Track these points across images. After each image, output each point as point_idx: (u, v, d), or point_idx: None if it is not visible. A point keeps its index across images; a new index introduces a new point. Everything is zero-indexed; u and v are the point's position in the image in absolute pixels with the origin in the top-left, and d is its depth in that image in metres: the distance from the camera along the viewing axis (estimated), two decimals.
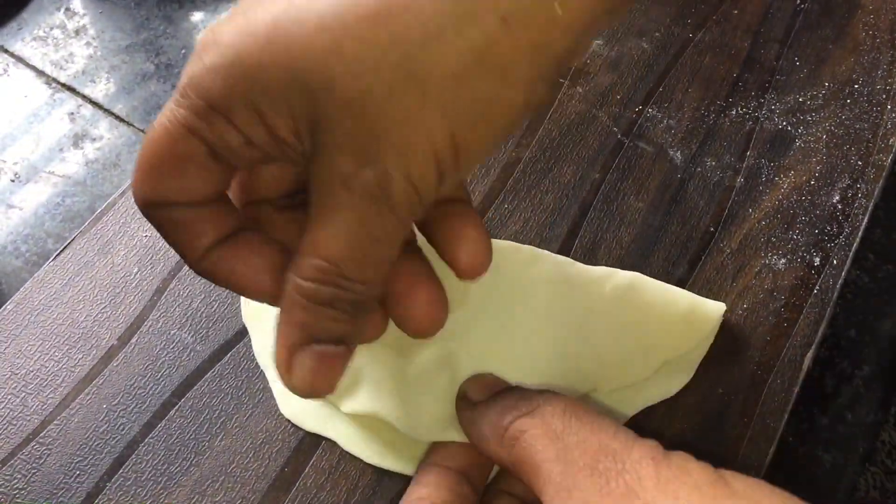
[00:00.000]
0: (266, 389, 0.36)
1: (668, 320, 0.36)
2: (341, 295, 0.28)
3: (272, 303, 0.30)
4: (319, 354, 0.29)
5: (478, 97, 0.26)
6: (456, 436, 0.32)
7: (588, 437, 0.27)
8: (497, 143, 0.30)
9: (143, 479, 0.34)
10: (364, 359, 0.34)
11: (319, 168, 0.28)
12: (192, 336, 0.37)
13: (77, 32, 0.56)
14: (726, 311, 0.37)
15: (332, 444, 0.35)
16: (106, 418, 0.35)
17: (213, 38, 0.28)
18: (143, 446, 0.35)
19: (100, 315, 0.38)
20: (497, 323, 0.35)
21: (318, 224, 0.28)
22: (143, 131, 0.58)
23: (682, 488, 0.25)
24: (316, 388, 0.30)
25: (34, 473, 0.34)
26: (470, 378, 0.33)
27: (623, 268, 0.39)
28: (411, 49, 0.25)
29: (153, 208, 0.30)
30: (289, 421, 0.35)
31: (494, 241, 0.38)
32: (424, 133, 0.26)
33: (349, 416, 0.35)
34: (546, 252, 0.38)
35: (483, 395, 0.32)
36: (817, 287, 0.39)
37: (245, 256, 0.30)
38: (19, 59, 0.54)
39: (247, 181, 0.32)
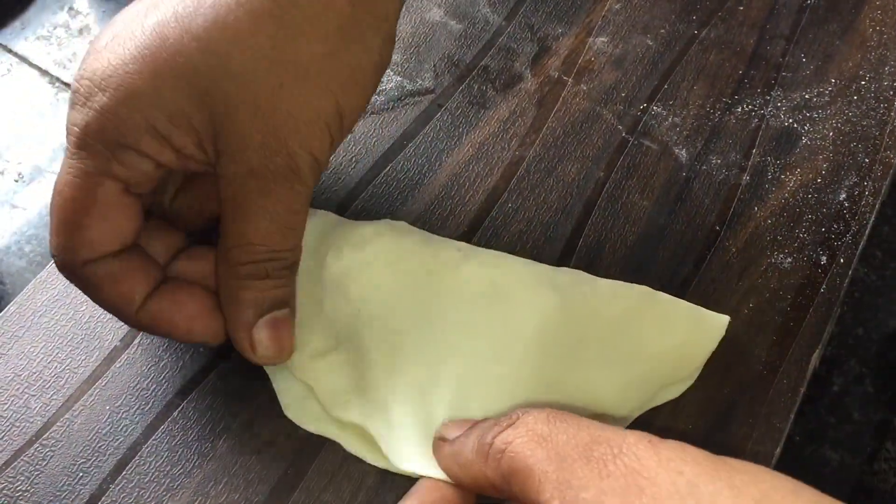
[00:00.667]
0: (269, 391, 0.36)
1: (669, 346, 0.35)
2: (277, 264, 0.33)
3: (213, 342, 0.34)
4: (273, 322, 0.33)
5: (347, 66, 0.31)
6: (435, 471, 0.32)
7: (577, 432, 0.27)
8: (367, 101, 0.34)
9: (146, 480, 0.34)
10: (358, 373, 0.34)
11: (227, 168, 0.31)
12: None
13: (81, 32, 0.56)
14: (731, 311, 0.37)
15: (336, 445, 0.35)
16: (109, 420, 0.35)
17: (91, 83, 0.30)
18: (147, 448, 0.34)
19: (103, 316, 0.38)
20: (489, 350, 0.34)
21: (238, 216, 0.32)
22: None
23: (684, 464, 0.25)
24: (280, 351, 0.34)
25: (37, 476, 0.34)
26: (444, 423, 0.33)
27: (628, 266, 0.39)
28: (287, 45, 0.30)
29: (81, 267, 0.32)
30: (292, 422, 0.35)
31: (495, 258, 0.37)
32: (315, 110, 0.31)
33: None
34: (545, 270, 0.36)
35: (460, 431, 0.31)
36: (824, 286, 0.39)
37: (181, 302, 0.34)
38: (22, 59, 0.54)
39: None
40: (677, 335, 0.35)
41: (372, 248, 0.36)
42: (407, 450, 0.33)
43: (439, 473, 0.31)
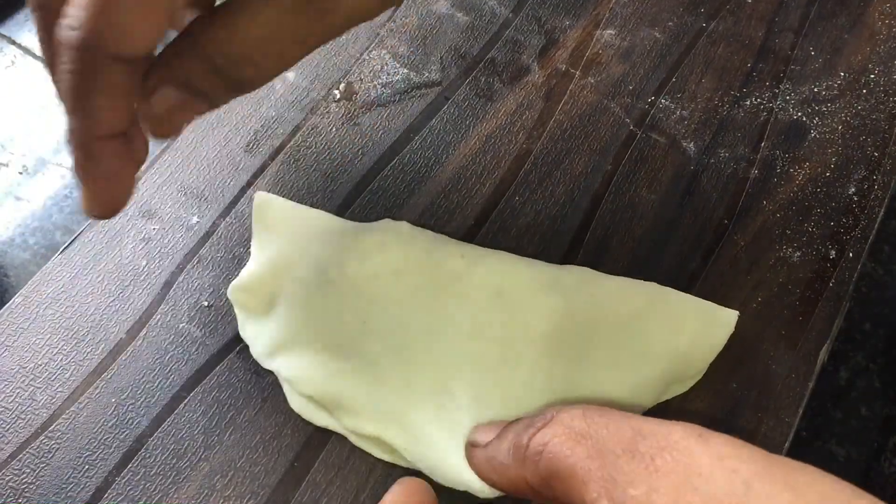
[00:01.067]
0: (275, 384, 0.35)
1: (678, 344, 0.35)
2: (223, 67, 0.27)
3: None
4: (185, 99, 0.28)
5: None
6: (469, 476, 0.32)
7: (619, 426, 0.26)
8: None
9: (152, 473, 0.34)
10: (367, 382, 0.34)
11: None
12: (200, 330, 0.37)
13: None
14: (740, 305, 0.37)
15: (342, 438, 0.34)
16: (115, 412, 0.35)
17: None
18: (152, 440, 0.34)
19: (108, 308, 0.37)
20: (500, 355, 0.34)
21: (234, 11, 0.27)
22: None
23: (739, 462, 0.24)
24: (165, 125, 0.28)
25: (43, 468, 0.34)
26: (474, 427, 0.32)
27: (636, 260, 0.39)
28: None
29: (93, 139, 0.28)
30: (298, 415, 0.35)
31: (499, 262, 0.36)
32: None
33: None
34: (549, 271, 0.36)
35: (492, 434, 0.30)
36: (833, 280, 0.38)
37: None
38: (26, 51, 0.54)
39: None
40: (686, 333, 0.35)
41: (375, 260, 0.36)
42: (436, 459, 0.33)
43: (473, 478, 0.31)
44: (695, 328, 0.35)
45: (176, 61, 0.28)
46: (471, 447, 0.32)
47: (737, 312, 0.36)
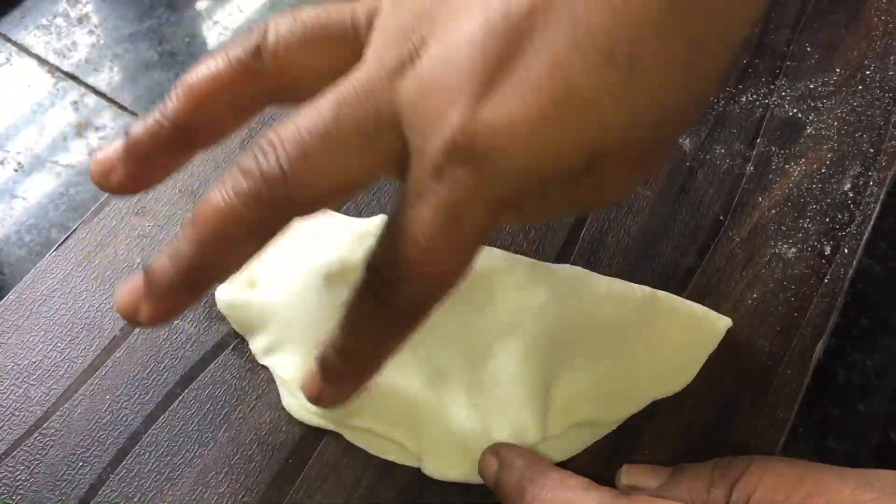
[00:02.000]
0: (269, 380, 0.35)
1: (662, 355, 0.35)
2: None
3: None
4: None
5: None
6: (475, 478, 0.32)
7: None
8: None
9: (146, 470, 0.34)
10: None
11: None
12: (194, 326, 0.37)
13: (80, 21, 0.55)
14: (735, 302, 0.37)
15: (337, 435, 0.34)
16: (109, 409, 0.35)
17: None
18: (147, 437, 0.34)
19: (102, 305, 0.37)
20: (485, 351, 0.34)
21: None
22: None
23: None
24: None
25: (37, 465, 0.34)
26: (625, 468, 0.32)
27: (631, 257, 0.39)
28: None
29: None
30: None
31: (488, 258, 0.36)
32: None
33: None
34: (543, 269, 0.36)
35: (655, 479, 0.31)
36: (828, 276, 0.38)
37: None
38: (22, 48, 0.54)
39: None
40: (671, 345, 0.35)
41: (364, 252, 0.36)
42: (447, 456, 0.33)
43: (479, 479, 0.32)
44: (681, 339, 0.35)
45: None
46: (630, 490, 0.31)
47: (729, 320, 0.36)
